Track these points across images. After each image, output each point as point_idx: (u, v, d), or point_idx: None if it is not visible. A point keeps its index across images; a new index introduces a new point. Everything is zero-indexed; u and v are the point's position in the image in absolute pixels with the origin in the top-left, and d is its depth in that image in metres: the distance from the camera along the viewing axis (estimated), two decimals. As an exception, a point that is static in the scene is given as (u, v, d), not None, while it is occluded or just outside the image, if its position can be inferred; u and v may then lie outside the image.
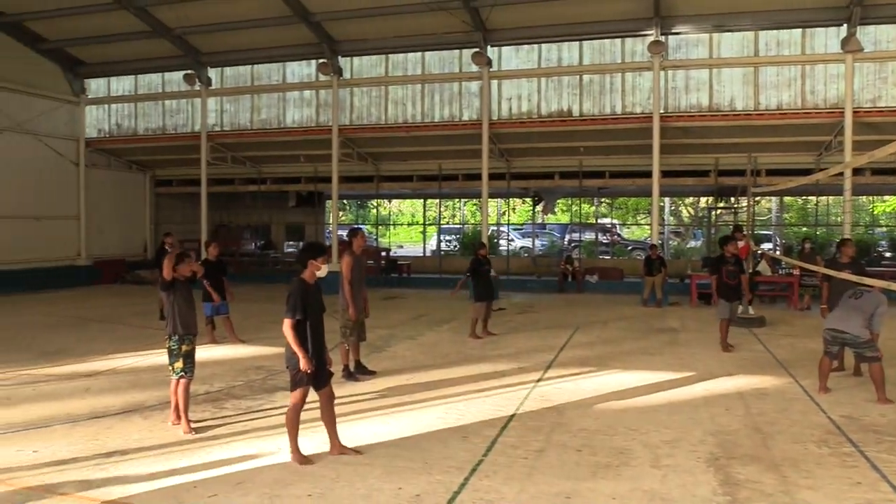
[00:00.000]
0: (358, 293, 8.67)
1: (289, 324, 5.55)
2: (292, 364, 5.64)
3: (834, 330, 7.79)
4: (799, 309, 15.76)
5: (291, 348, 5.59)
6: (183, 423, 6.48)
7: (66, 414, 7.10)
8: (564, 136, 18.90)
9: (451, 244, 31.27)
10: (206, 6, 17.84)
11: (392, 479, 5.27)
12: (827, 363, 7.99)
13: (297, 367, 5.59)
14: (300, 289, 5.68)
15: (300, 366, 5.55)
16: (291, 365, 5.66)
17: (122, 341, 11.48)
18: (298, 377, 5.64)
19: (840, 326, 7.72)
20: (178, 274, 6.69)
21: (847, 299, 7.91)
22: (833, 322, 7.87)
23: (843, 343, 7.81)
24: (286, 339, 5.59)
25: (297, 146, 21.12)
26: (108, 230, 22.82)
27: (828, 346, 7.92)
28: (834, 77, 16.52)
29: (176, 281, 6.65)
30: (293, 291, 5.64)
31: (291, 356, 5.63)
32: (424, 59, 19.22)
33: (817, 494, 5.02)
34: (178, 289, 6.64)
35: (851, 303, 7.81)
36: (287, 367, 5.74)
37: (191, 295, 6.77)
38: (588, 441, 6.22)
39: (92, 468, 5.50)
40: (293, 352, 5.58)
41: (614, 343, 11.49)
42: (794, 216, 31.04)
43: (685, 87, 17.50)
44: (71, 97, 21.93)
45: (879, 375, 7.48)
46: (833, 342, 7.85)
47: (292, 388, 5.72)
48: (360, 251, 8.82)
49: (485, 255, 12.21)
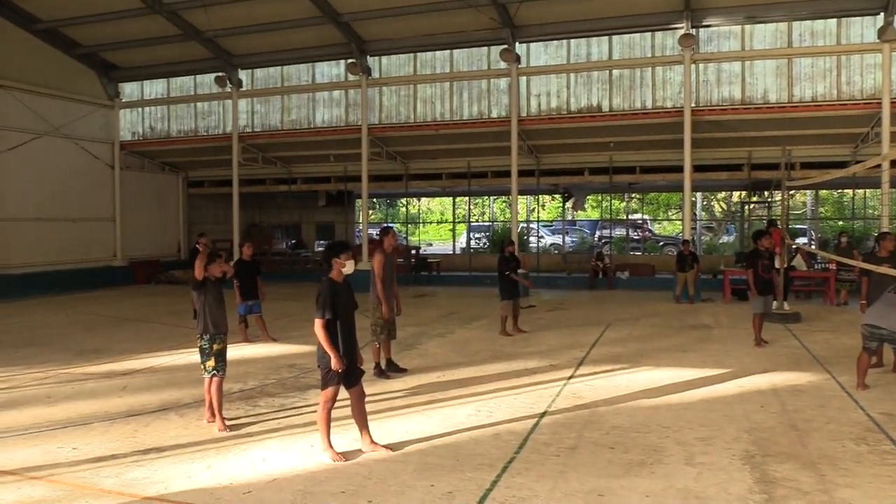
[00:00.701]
0: (389, 291, 8.72)
1: (319, 323, 5.63)
2: (323, 363, 5.70)
3: (872, 325, 7.67)
4: (835, 304, 15.49)
5: (322, 347, 5.65)
6: (217, 421, 6.57)
7: (105, 412, 7.24)
8: (594, 132, 18.78)
9: (480, 242, 31.22)
10: (236, 9, 18.03)
11: (424, 477, 5.29)
12: (865, 359, 7.85)
13: (328, 365, 5.65)
14: (329, 288, 5.75)
15: (331, 364, 5.61)
16: (322, 364, 5.72)
17: (157, 340, 11.66)
18: (329, 376, 5.70)
19: (878, 322, 7.60)
20: (209, 273, 6.75)
21: (887, 294, 7.75)
22: (871, 317, 7.75)
23: (882, 339, 7.69)
24: (317, 338, 5.66)
25: (327, 146, 21.26)
26: (142, 231, 23.19)
27: (866, 341, 7.78)
28: (870, 67, 16.19)
29: (207, 280, 6.72)
30: (322, 291, 5.72)
31: (322, 355, 5.69)
32: (453, 57, 19.23)
33: (856, 493, 4.92)
34: (209, 288, 6.71)
35: (891, 298, 7.66)
36: (318, 366, 5.81)
37: (221, 294, 6.82)
38: (621, 438, 6.18)
39: (130, 465, 5.60)
40: (324, 351, 5.64)
41: (646, 340, 11.39)
42: (830, 210, 30.50)
43: (717, 80, 17.28)
44: (106, 101, 22.32)
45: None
46: (871, 338, 7.72)
47: (323, 386, 5.77)
48: (391, 249, 8.85)
49: (512, 252, 12.17)
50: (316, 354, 5.84)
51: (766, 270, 10.67)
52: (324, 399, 5.77)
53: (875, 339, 7.73)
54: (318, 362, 5.80)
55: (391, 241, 8.88)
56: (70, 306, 16.74)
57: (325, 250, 6.10)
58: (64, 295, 18.85)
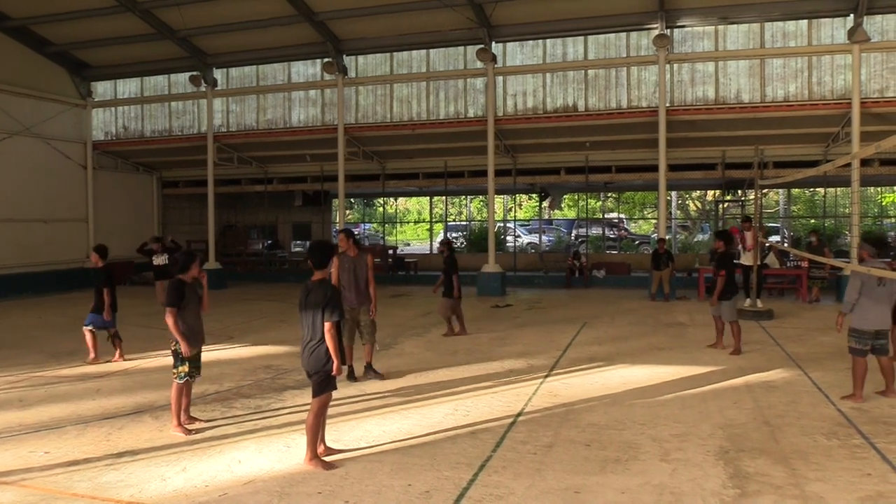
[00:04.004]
0: (351, 292, 8.46)
1: (330, 326, 5.42)
2: (325, 367, 5.50)
3: (879, 330, 7.22)
4: (807, 301, 15.72)
5: (323, 351, 5.47)
6: (173, 419, 6.49)
7: (78, 415, 7.15)
8: (570, 132, 18.88)
9: (457, 241, 31.26)
10: (211, 7, 17.88)
11: (401, 476, 5.29)
12: (864, 366, 7.28)
13: (329, 369, 5.48)
14: (337, 290, 5.71)
15: (332, 369, 5.48)
16: (324, 367, 5.50)
17: (131, 342, 11.52)
18: (329, 380, 5.54)
19: (884, 325, 7.22)
20: (187, 276, 6.63)
21: (876, 289, 7.16)
22: (878, 321, 7.21)
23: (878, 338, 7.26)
24: (326, 341, 5.44)
25: (303, 146, 21.16)
26: (116, 232, 22.89)
27: (865, 345, 7.25)
28: (841, 68, 16.44)
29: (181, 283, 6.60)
30: (332, 292, 5.54)
31: (322, 359, 5.49)
32: (429, 57, 19.22)
33: (827, 486, 5.01)
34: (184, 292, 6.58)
35: (881, 292, 7.17)
36: (314, 372, 5.55)
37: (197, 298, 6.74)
38: (597, 436, 6.23)
39: (103, 469, 5.54)
40: (325, 354, 5.46)
41: (622, 338, 11.48)
42: (802, 208, 30.92)
43: (691, 80, 17.44)
44: (78, 100, 22.03)
45: (893, 367, 7.35)
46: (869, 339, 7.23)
47: (321, 391, 5.55)
48: (354, 252, 8.59)
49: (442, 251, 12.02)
50: (312, 358, 5.53)
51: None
52: (320, 405, 5.56)
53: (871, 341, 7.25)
54: (317, 366, 5.51)
55: (341, 244, 8.60)
56: (43, 308, 16.50)
57: (324, 250, 5.80)
58: (36, 297, 18.58)
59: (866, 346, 7.24)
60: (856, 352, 7.26)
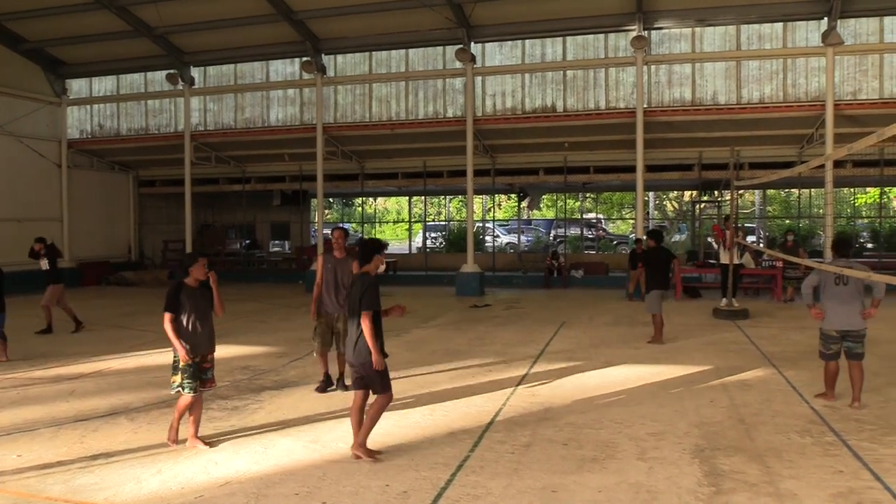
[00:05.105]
0: (330, 295, 7.99)
1: (368, 317, 5.52)
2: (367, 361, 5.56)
3: (844, 330, 7.05)
4: (782, 301, 15.91)
5: (364, 344, 5.53)
6: (170, 432, 6.12)
7: (52, 417, 7.05)
8: (549, 132, 18.96)
9: (436, 241, 31.25)
10: (188, 5, 17.76)
11: (379, 477, 5.28)
12: (831, 369, 7.23)
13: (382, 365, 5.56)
14: (376, 282, 5.73)
15: (376, 363, 5.51)
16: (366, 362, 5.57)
17: (107, 343, 11.42)
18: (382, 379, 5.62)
19: (850, 326, 7.02)
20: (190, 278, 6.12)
21: (834, 287, 7.06)
22: (840, 322, 7.05)
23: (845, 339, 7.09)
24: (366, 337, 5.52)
25: (282, 145, 21.06)
26: (91, 231, 22.65)
27: (830, 347, 7.15)
28: (815, 70, 16.68)
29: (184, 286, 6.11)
30: (369, 284, 5.63)
31: (363, 352, 5.56)
32: (408, 57, 19.21)
33: (800, 483, 5.07)
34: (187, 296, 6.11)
35: (842, 290, 7.03)
36: (357, 364, 5.64)
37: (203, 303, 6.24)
38: (574, 435, 6.26)
39: (77, 471, 5.46)
40: (367, 349, 5.52)
41: (600, 337, 11.54)
42: (778, 209, 31.28)
43: (668, 81, 17.60)
44: (52, 98, 21.76)
45: (862, 375, 7.08)
46: (835, 342, 7.12)
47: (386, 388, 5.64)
48: (341, 253, 8.09)
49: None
50: (354, 351, 5.63)
51: None
52: (387, 401, 5.70)
53: (839, 343, 7.13)
54: (358, 359, 5.60)
55: (334, 242, 8.16)
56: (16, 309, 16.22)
57: (369, 246, 5.93)
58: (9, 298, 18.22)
59: (830, 350, 7.11)
60: (823, 356, 7.22)
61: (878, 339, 10.39)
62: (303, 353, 10.10)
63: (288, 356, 10.11)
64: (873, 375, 7.84)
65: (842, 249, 7.21)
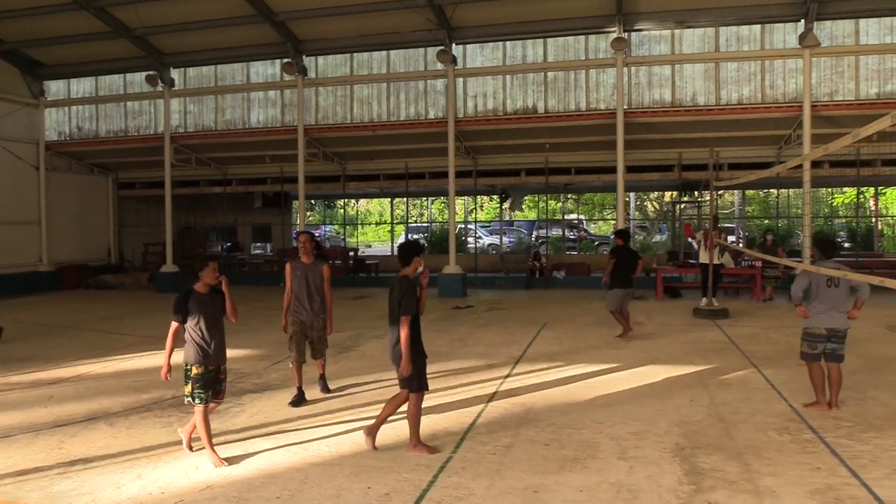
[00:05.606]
0: (303, 303, 7.70)
1: (406, 321, 5.67)
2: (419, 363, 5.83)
3: (833, 329, 6.95)
4: (761, 300, 16.06)
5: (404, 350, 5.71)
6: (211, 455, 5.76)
7: (29, 423, 6.98)
8: (530, 133, 19.01)
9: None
10: (168, 6, 17.62)
11: (361, 479, 5.28)
12: (817, 371, 7.10)
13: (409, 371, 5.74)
14: (412, 285, 5.81)
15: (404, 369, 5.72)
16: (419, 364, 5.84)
17: (86, 347, 11.30)
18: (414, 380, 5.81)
19: (838, 325, 6.96)
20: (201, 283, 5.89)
21: (827, 290, 6.95)
22: (831, 321, 6.96)
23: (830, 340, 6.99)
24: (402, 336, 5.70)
25: (263, 147, 20.95)
26: (70, 235, 22.42)
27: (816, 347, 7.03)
28: (792, 72, 16.86)
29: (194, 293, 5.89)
30: (406, 287, 5.74)
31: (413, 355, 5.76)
32: (389, 58, 19.19)
33: (779, 481, 5.13)
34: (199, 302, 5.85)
35: (834, 292, 6.94)
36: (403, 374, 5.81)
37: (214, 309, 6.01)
38: (556, 435, 6.29)
39: (55, 478, 5.41)
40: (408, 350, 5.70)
41: (581, 338, 11.60)
42: (757, 209, 31.57)
43: (648, 83, 17.72)
44: (30, 99, 21.51)
45: (840, 379, 7.06)
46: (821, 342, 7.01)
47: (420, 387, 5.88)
48: (309, 258, 7.76)
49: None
50: (393, 352, 5.87)
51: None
52: (416, 399, 5.88)
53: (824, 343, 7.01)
54: (397, 360, 5.80)
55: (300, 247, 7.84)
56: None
57: (408, 248, 6.05)
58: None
59: (816, 350, 6.99)
60: (807, 356, 7.06)
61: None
62: (283, 357, 10.03)
63: (269, 359, 10.07)
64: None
65: (830, 251, 7.21)
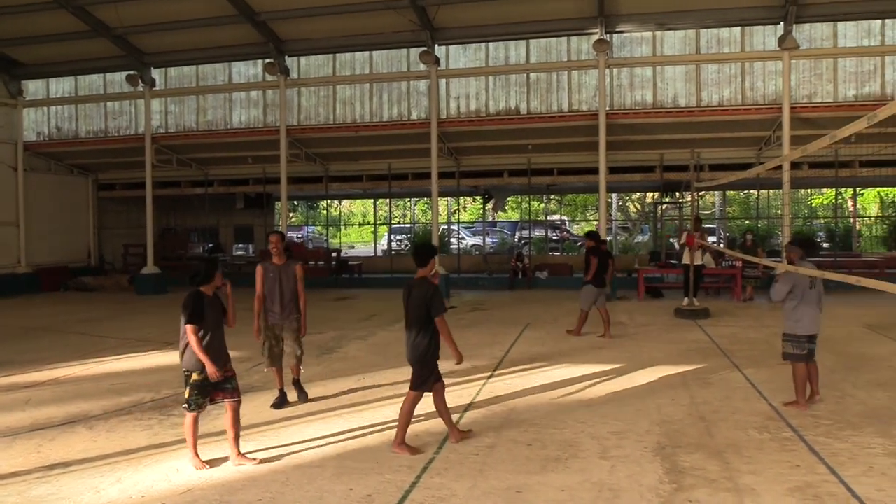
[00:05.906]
0: (275, 305, 7.47)
1: (443, 319, 5.88)
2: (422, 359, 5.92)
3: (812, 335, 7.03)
4: (742, 300, 16.20)
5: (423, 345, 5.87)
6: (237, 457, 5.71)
7: (6, 427, 6.89)
8: (513, 134, 19.05)
9: (401, 244, 31.22)
10: (148, 5, 17.49)
11: (342, 481, 5.26)
12: (804, 370, 7.09)
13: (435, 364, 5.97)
14: (437, 287, 6.01)
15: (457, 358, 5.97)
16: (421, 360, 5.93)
17: (65, 350, 11.19)
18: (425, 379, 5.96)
19: (817, 329, 7.04)
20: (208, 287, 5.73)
21: (809, 292, 6.98)
22: (815, 326, 7.02)
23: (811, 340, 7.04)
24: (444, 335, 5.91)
25: (245, 147, 20.84)
26: (49, 236, 22.17)
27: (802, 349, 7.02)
28: (772, 74, 17.02)
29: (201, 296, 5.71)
30: (436, 291, 5.93)
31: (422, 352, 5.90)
32: (372, 59, 19.16)
33: (758, 479, 5.18)
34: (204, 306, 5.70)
35: (813, 294, 7.00)
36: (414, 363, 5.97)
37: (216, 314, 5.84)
38: (538, 435, 6.30)
39: (33, 482, 5.35)
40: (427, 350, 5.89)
41: (563, 338, 11.64)
42: (737, 209, 31.83)
43: (630, 84, 17.81)
44: (7, 99, 21.26)
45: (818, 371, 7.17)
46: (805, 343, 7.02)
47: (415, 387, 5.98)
48: (281, 259, 7.54)
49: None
50: (412, 350, 5.95)
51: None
52: (413, 398, 5.98)
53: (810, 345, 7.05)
54: (415, 357, 5.92)
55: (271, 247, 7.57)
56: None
57: (427, 249, 6.21)
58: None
59: (803, 351, 6.98)
60: (793, 357, 7.03)
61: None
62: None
63: (251, 361, 10.00)
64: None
65: (811, 251, 7.24)
